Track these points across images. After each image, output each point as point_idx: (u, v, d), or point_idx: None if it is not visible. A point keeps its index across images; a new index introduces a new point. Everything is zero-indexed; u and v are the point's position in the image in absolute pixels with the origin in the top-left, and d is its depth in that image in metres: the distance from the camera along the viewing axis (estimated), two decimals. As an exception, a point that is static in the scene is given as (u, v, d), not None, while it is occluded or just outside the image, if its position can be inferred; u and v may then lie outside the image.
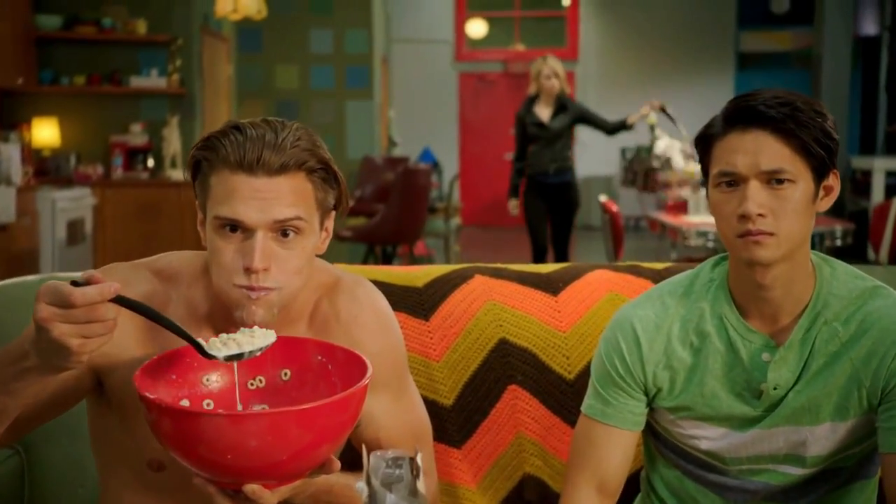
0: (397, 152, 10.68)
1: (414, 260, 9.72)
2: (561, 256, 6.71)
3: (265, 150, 1.46)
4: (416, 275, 2.15)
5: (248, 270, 1.45)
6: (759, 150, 1.51)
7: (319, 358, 1.54)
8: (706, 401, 1.62)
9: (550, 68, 6.59)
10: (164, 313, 1.49)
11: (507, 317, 2.08)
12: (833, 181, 1.57)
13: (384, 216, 6.05)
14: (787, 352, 1.57)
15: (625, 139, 13.97)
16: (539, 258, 6.76)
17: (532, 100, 6.75)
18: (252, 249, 1.45)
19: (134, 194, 7.41)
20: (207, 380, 1.53)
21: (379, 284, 2.11)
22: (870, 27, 12.57)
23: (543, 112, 6.66)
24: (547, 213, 6.74)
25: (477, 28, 14.43)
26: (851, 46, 10.47)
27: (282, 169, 1.46)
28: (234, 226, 1.46)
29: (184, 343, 1.45)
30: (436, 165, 11.77)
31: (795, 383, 1.58)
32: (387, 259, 6.22)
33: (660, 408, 1.67)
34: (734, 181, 1.53)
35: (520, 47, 14.42)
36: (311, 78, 9.31)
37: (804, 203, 1.53)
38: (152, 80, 7.66)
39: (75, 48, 7.64)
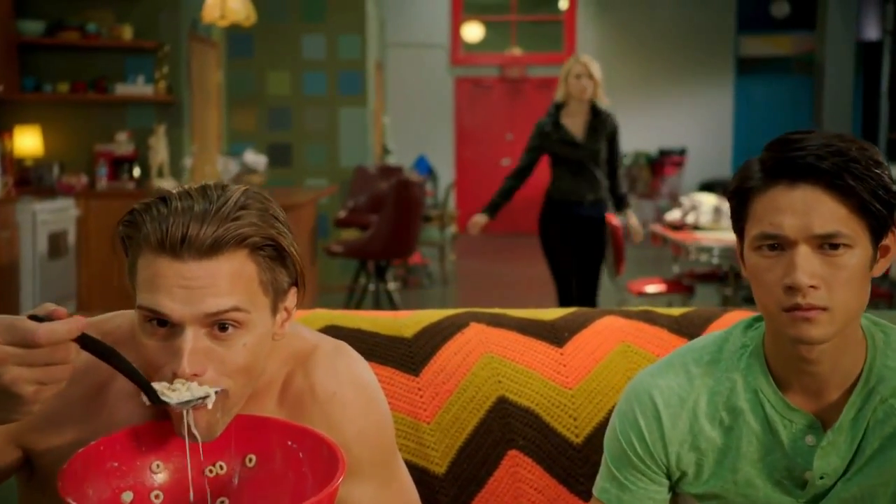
0: (392, 160, 10.46)
1: (409, 271, 9.50)
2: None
3: (192, 226, 1.21)
4: (405, 323, 1.93)
5: (176, 377, 1.21)
6: (809, 209, 1.28)
7: (289, 443, 1.31)
8: (740, 489, 1.39)
9: (583, 66, 5.47)
10: (111, 383, 1.31)
11: (507, 371, 1.85)
12: (891, 241, 1.34)
13: (376, 231, 5.82)
14: (835, 436, 1.34)
15: (624, 144, 13.76)
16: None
17: (558, 108, 5.55)
18: (180, 351, 1.21)
19: (119, 205, 7.15)
20: (157, 466, 1.31)
21: (363, 335, 1.90)
22: (871, 32, 12.38)
23: (575, 124, 5.51)
24: (572, 253, 5.60)
25: (473, 32, 14.22)
26: (854, 51, 10.26)
27: (215, 248, 1.21)
28: (160, 319, 1.22)
29: (127, 425, 1.26)
30: (431, 172, 11.55)
31: (846, 471, 1.35)
32: (380, 272, 6.00)
33: (685, 493, 1.45)
34: (779, 245, 1.30)
35: (516, 51, 14.21)
36: (303, 84, 9.08)
37: (862, 270, 1.30)
38: (139, 88, 7.43)
39: (59, 54, 7.41)
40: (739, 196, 1.37)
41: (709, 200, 6.15)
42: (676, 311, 1.98)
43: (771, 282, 1.31)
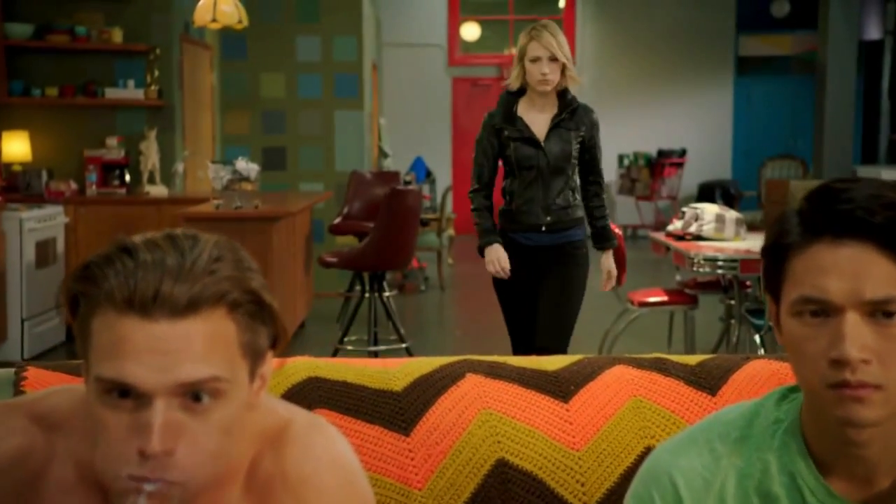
0: (388, 164, 10.27)
1: (406, 276, 9.32)
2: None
3: (166, 281, 1.04)
4: (395, 374, 1.74)
5: (144, 455, 1.03)
6: (859, 270, 1.10)
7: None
8: (774, 587, 1.21)
9: (542, 46, 4.00)
10: (46, 473, 1.14)
11: (507, 430, 1.67)
12: None
13: (371, 241, 5.64)
14: (886, 531, 1.16)
15: (623, 145, 13.64)
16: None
17: (512, 97, 4.16)
18: (148, 425, 1.03)
19: (109, 212, 6.99)
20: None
21: (349, 388, 1.72)
22: (873, 31, 12.19)
23: (536, 119, 4.10)
24: (536, 291, 4.16)
25: (470, 32, 14.03)
26: (856, 51, 10.08)
27: (191, 307, 1.05)
28: (123, 390, 1.05)
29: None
30: (428, 175, 11.36)
31: None
32: (376, 281, 5.82)
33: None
34: (823, 311, 1.12)
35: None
36: (297, 87, 8.89)
37: None
38: (129, 92, 7.26)
39: (47, 58, 7.24)
40: (775, 253, 1.19)
41: (711, 209, 5.97)
42: (693, 360, 1.79)
43: (814, 354, 1.13)
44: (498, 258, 4.15)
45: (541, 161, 4.08)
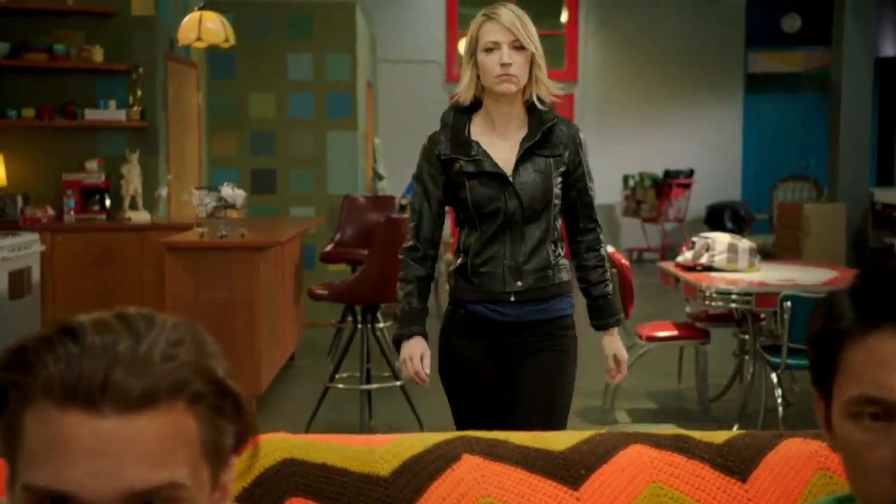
0: (383, 186, 10.13)
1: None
2: None
3: (117, 369, 0.90)
4: (381, 454, 1.59)
5: None
6: None
7: None
8: None
9: (503, 28, 2.86)
10: None
11: (509, 523, 1.51)
12: None
13: (364, 273, 5.49)
14: None
15: (628, 165, 13.53)
16: None
17: (462, 115, 2.99)
18: None
19: (88, 239, 6.84)
20: None
21: (329, 473, 1.57)
22: (888, 48, 12.10)
23: (496, 143, 2.95)
24: (504, 383, 3.01)
25: (469, 47, 13.91)
26: (872, 68, 9.97)
27: (146, 400, 0.90)
28: (60, 500, 0.90)
29: None
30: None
31: None
32: (369, 312, 5.67)
33: None
34: (887, 414, 0.97)
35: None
36: (288, 106, 8.77)
37: None
38: (110, 113, 7.12)
39: (24, 77, 7.11)
40: (825, 341, 1.04)
41: (723, 239, 5.82)
42: (719, 437, 1.64)
43: (874, 464, 0.98)
44: (411, 357, 3.00)
45: (509, 203, 2.89)
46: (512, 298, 2.95)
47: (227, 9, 8.15)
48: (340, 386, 5.77)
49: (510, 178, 2.91)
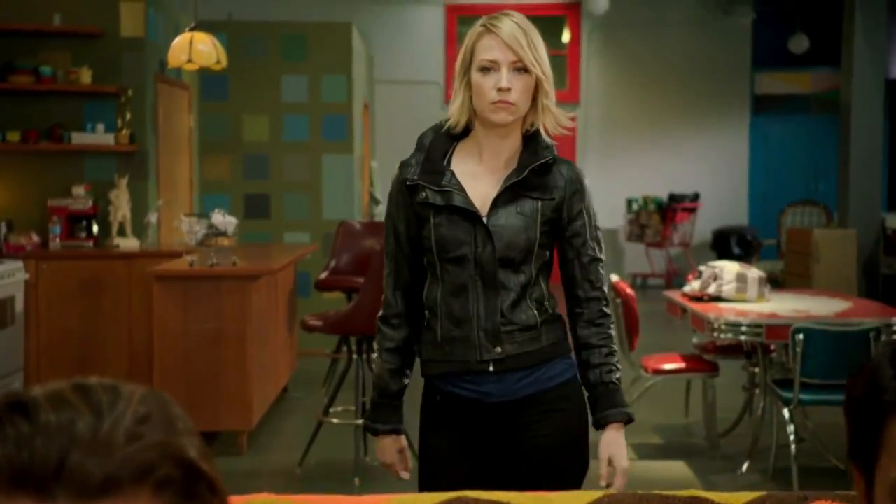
0: (380, 211, 10.05)
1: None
2: None
3: (74, 452, 0.80)
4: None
5: None
6: None
7: None
8: None
9: (507, 38, 2.36)
10: None
11: None
12: None
13: (359, 303, 5.39)
14: None
15: (632, 188, 13.46)
16: None
17: (446, 139, 2.50)
18: None
19: (74, 267, 6.75)
20: None
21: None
22: (898, 69, 12.05)
23: (477, 175, 2.46)
24: (485, 475, 2.44)
25: (469, 68, 13.87)
26: (883, 90, 9.91)
27: (106, 487, 0.80)
28: None
29: None
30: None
31: None
32: (365, 342, 5.58)
33: None
34: None
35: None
36: (283, 129, 8.69)
37: None
38: (98, 136, 7.05)
39: (9, 100, 7.05)
40: (866, 414, 0.95)
41: (731, 268, 5.73)
42: (740, 500, 1.55)
43: None
44: (384, 460, 2.57)
45: (480, 249, 2.36)
46: (491, 368, 2.37)
47: (220, 29, 8.11)
48: (335, 421, 5.67)
49: (483, 218, 2.38)
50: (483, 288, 2.37)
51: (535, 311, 2.39)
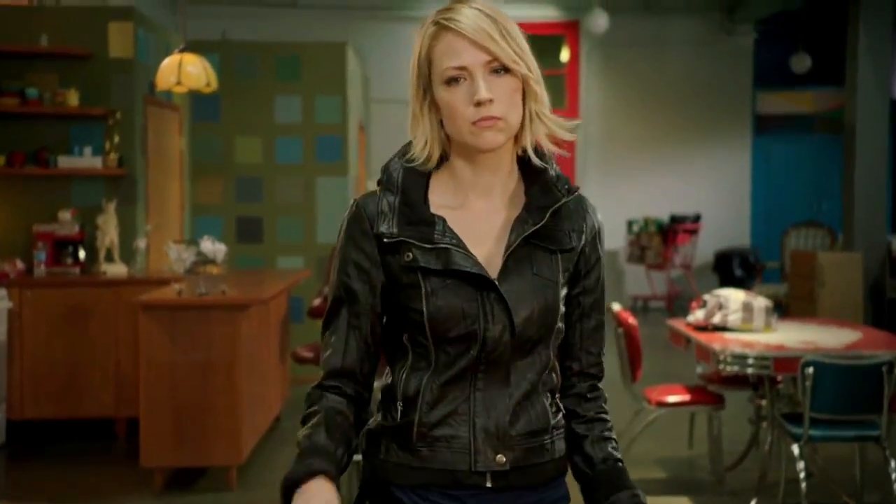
0: (376, 234, 9.90)
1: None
2: None
3: None
4: None
5: None
6: None
7: None
8: None
9: (471, 30, 1.68)
10: None
11: None
12: None
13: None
14: None
15: (632, 209, 13.33)
16: None
17: (416, 176, 1.82)
18: None
19: (60, 295, 6.61)
20: None
21: None
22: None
23: (477, 221, 1.78)
24: None
25: (466, 87, 13.78)
26: (888, 110, 9.80)
27: None
28: None
29: None
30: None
31: None
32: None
33: None
34: None
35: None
36: (276, 151, 8.56)
37: None
38: (86, 160, 6.94)
39: (-6, 123, 6.93)
40: None
41: (737, 297, 5.59)
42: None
43: None
44: None
45: (490, 326, 1.72)
46: (489, 484, 1.74)
47: (212, 49, 8.00)
48: (327, 455, 5.51)
49: (496, 283, 1.72)
50: (488, 377, 1.73)
51: (548, 408, 1.79)
